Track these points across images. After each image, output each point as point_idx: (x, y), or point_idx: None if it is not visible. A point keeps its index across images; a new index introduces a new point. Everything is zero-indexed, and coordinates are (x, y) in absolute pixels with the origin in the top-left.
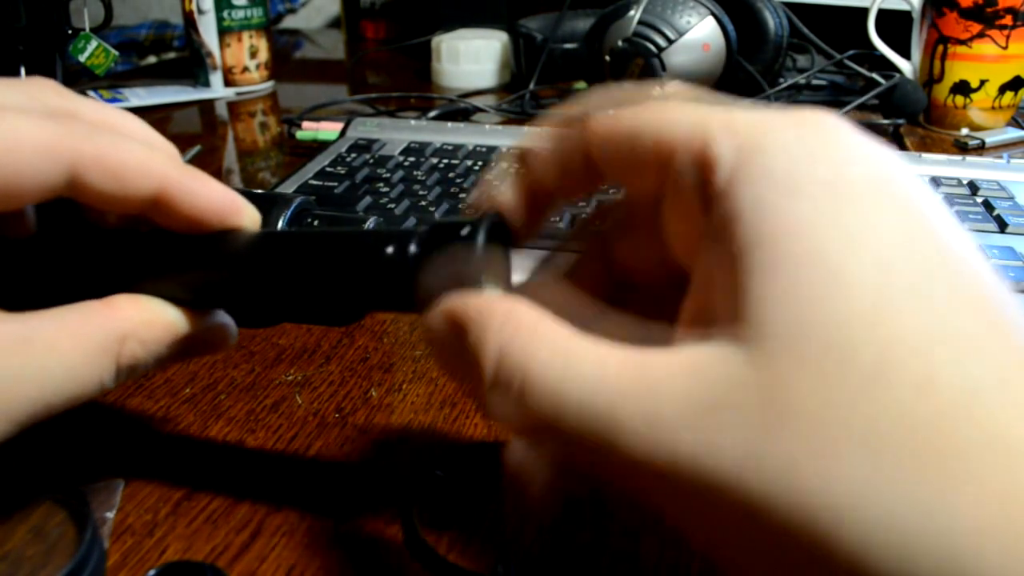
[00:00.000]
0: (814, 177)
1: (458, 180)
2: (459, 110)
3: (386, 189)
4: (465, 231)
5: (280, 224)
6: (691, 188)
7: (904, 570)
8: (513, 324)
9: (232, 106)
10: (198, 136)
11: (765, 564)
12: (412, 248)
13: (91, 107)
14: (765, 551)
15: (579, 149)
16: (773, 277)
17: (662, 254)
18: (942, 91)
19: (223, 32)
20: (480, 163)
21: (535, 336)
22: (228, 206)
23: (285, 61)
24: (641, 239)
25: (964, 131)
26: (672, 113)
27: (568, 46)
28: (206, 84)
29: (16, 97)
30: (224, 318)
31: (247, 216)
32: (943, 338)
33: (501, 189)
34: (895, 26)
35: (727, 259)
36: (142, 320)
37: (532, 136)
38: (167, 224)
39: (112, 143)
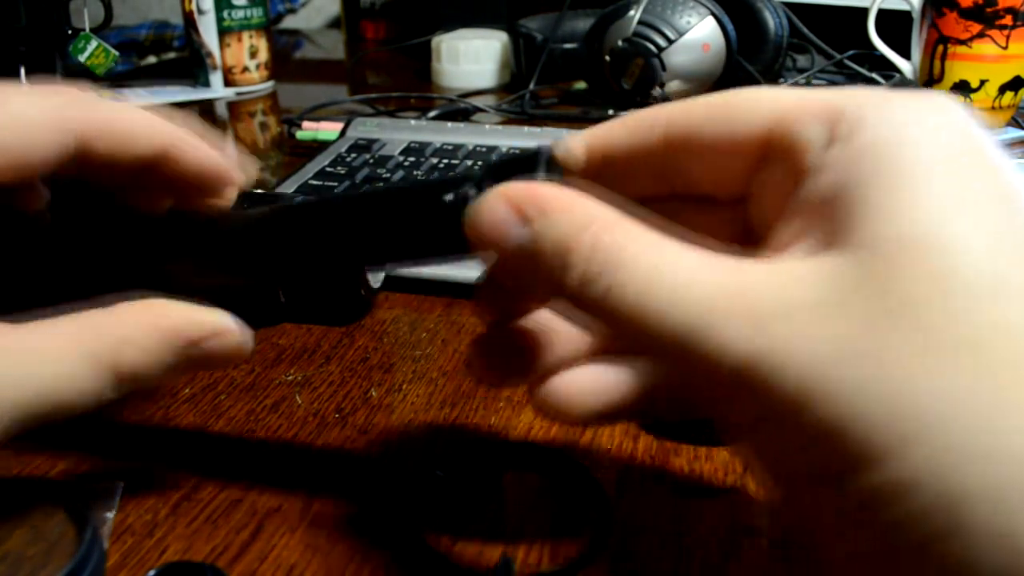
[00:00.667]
0: (941, 147)
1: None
2: (459, 110)
3: None
4: (524, 162)
5: None
6: (812, 142)
7: (990, 480)
8: (601, 219)
9: (232, 106)
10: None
11: (847, 457)
12: (471, 191)
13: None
14: (841, 451)
15: (664, 129)
16: (900, 194)
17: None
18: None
19: (223, 32)
20: (480, 163)
21: (625, 232)
22: (225, 162)
23: (285, 61)
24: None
25: None
26: (781, 90)
27: (568, 46)
28: (206, 84)
29: (21, 87)
30: (238, 325)
31: (239, 175)
32: None
33: (571, 146)
34: (895, 26)
35: (847, 187)
36: (143, 325)
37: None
38: (172, 184)
39: (115, 108)
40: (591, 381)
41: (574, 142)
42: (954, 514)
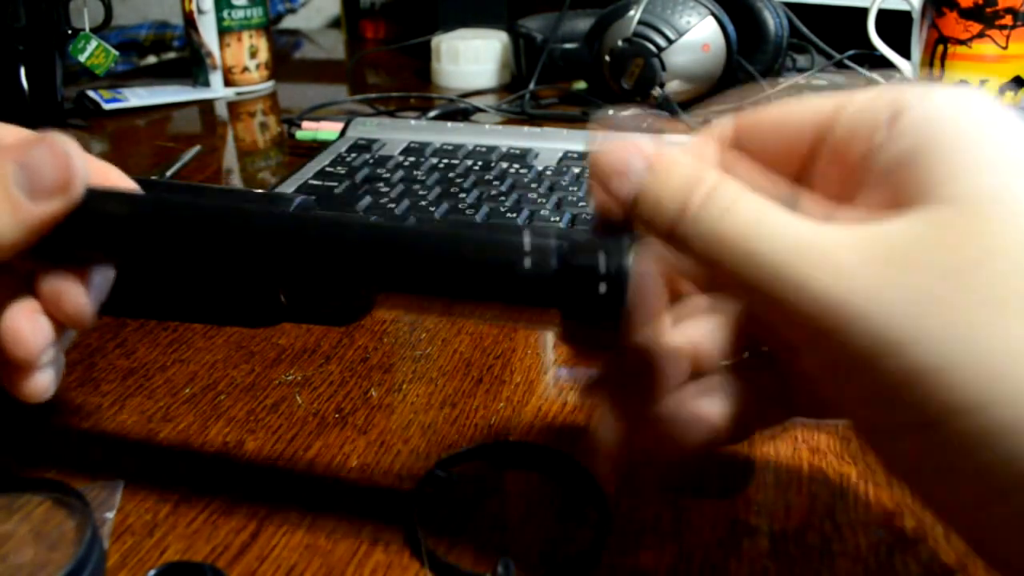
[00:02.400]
0: (977, 116)
1: (458, 180)
2: (459, 110)
3: (386, 189)
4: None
5: None
6: (861, 127)
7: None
8: (716, 173)
9: (232, 106)
10: (198, 136)
11: (933, 405)
12: (553, 262)
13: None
14: (933, 390)
15: (723, 141)
16: (969, 155)
17: None
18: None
19: (223, 32)
20: (480, 163)
21: (735, 185)
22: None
23: (285, 61)
24: None
25: None
26: (818, 96)
27: (568, 46)
28: (206, 84)
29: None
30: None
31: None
32: None
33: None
34: (895, 26)
35: (915, 152)
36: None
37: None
38: None
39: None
40: (698, 405)
41: (724, 125)
42: None
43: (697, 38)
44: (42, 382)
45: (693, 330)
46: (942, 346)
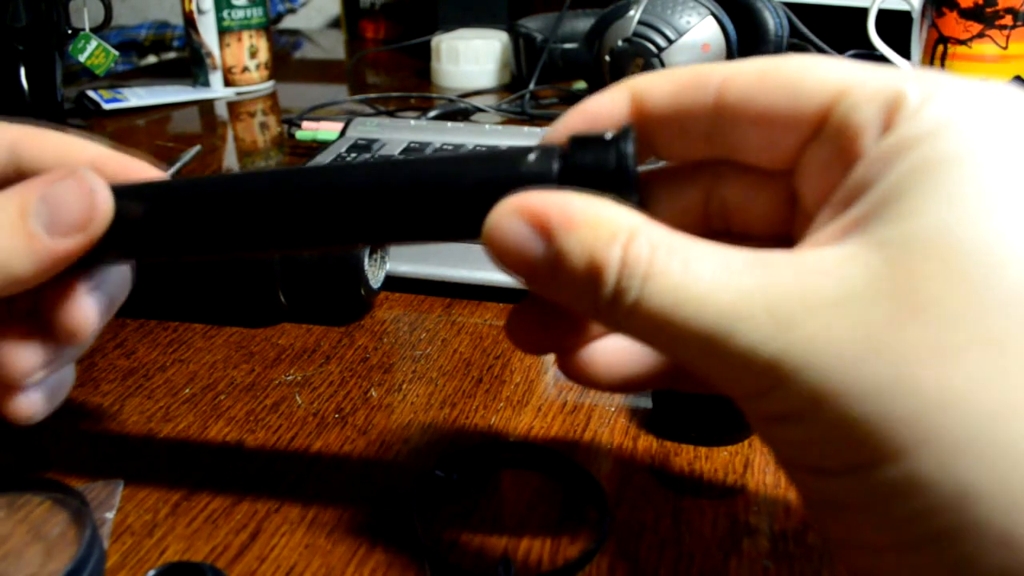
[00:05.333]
0: (991, 120)
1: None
2: (459, 110)
3: None
4: (608, 138)
5: None
6: (865, 120)
7: (1000, 480)
8: (627, 228)
9: (232, 106)
10: (198, 136)
11: (854, 455)
12: (554, 163)
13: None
14: (857, 442)
15: (708, 92)
16: (940, 192)
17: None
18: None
19: (223, 32)
20: None
21: (652, 241)
22: (151, 170)
23: (285, 61)
24: (750, 190)
25: None
26: (836, 63)
27: (568, 46)
28: (206, 84)
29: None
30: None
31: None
32: None
33: (600, 116)
34: (895, 26)
35: (887, 178)
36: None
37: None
38: None
39: (46, 128)
40: (620, 352)
41: (618, 95)
42: (965, 512)
43: (697, 38)
44: (27, 404)
45: None
46: (873, 396)
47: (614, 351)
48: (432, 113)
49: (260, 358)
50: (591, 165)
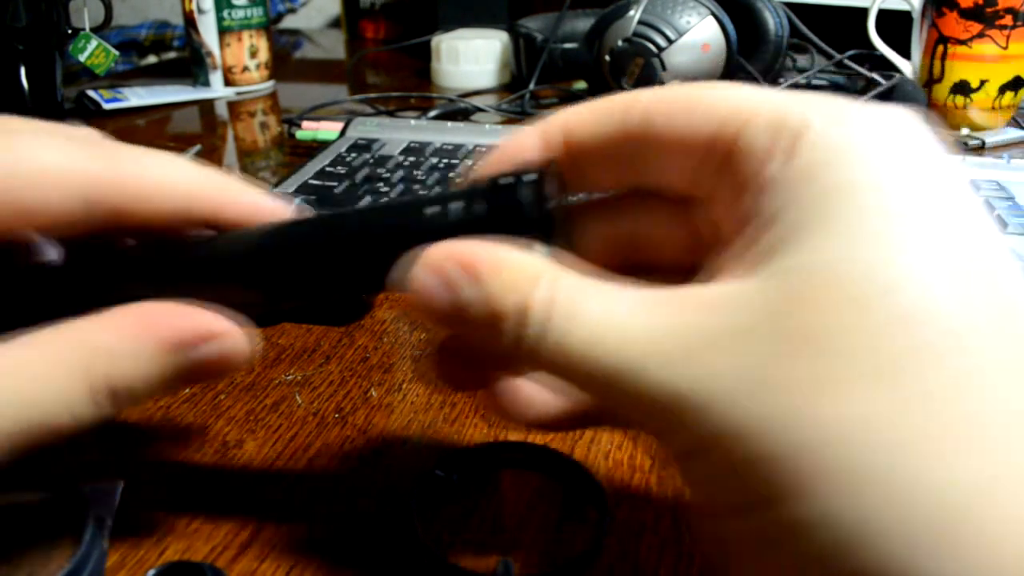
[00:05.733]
0: (887, 149)
1: (458, 180)
2: (459, 110)
3: (386, 189)
4: (526, 180)
5: None
6: (757, 153)
7: (896, 518)
8: (530, 275)
9: (232, 106)
10: (198, 136)
11: (752, 492)
12: (476, 207)
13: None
14: (755, 479)
15: (627, 118)
16: (823, 221)
17: (678, 238)
18: (942, 91)
19: (223, 32)
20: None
21: (556, 287)
22: (270, 204)
23: (285, 61)
24: (662, 217)
25: (964, 131)
26: (744, 90)
27: (568, 46)
28: (206, 84)
29: (56, 128)
30: (237, 326)
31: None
32: (970, 305)
33: (526, 143)
34: (895, 26)
35: (784, 209)
36: (132, 331)
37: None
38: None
39: (134, 164)
40: (542, 389)
41: (551, 128)
42: (863, 552)
43: (697, 38)
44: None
45: None
46: (761, 433)
47: (536, 388)
48: (432, 113)
49: (260, 358)
50: (510, 207)
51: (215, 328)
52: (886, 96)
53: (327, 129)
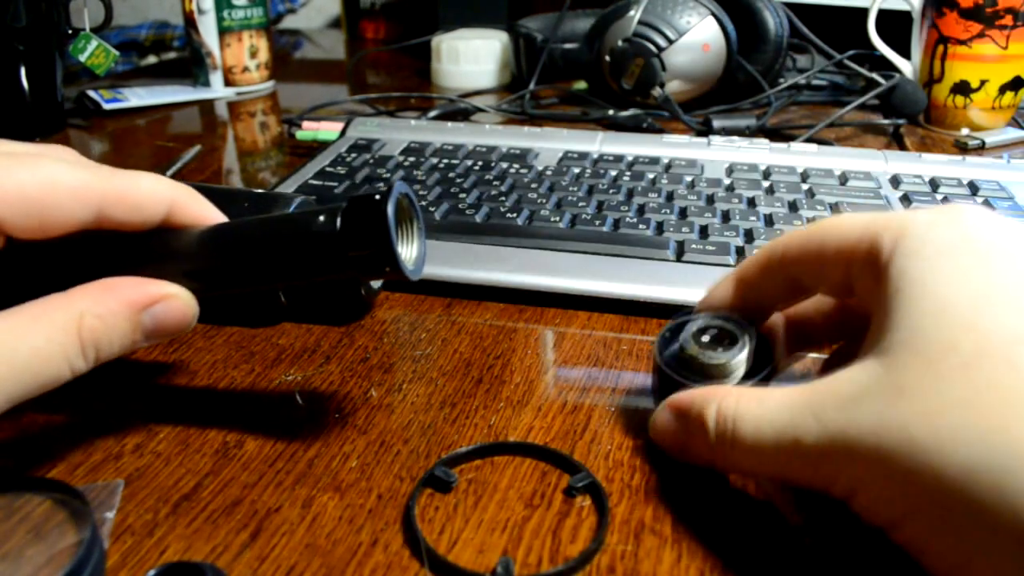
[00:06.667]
0: (937, 245)
1: (458, 180)
2: (459, 110)
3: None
4: (377, 198)
5: None
6: (865, 273)
7: (985, 481)
8: (720, 394)
9: (232, 106)
10: (198, 136)
11: (902, 504)
12: (337, 219)
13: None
14: (900, 492)
15: (779, 262)
16: (902, 312)
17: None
18: (942, 91)
19: (223, 32)
20: (480, 163)
21: (737, 396)
22: (216, 213)
23: (285, 61)
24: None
25: (964, 131)
26: (847, 221)
27: (568, 46)
28: (206, 84)
29: (47, 150)
30: (184, 292)
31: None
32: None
33: (719, 291)
34: (895, 26)
35: (880, 309)
36: (96, 297)
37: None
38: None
39: (129, 181)
40: None
41: (724, 289)
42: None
43: (697, 38)
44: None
45: None
46: (892, 437)
47: None
48: (432, 113)
49: (260, 358)
50: (361, 220)
51: (167, 291)
52: (886, 96)
53: (327, 129)
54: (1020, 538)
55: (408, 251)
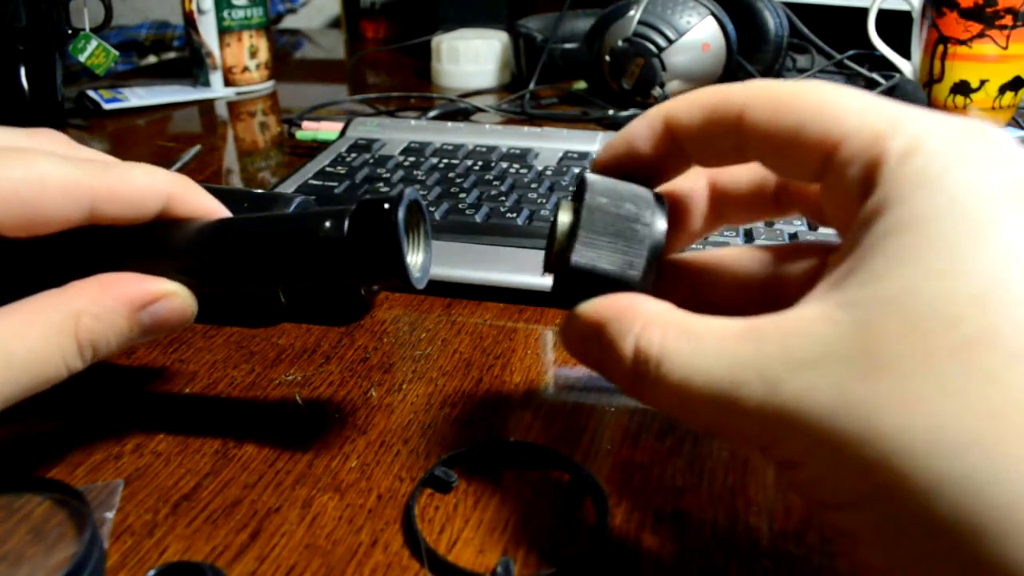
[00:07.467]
0: (971, 184)
1: (458, 180)
2: (459, 110)
3: (386, 189)
4: (387, 206)
5: None
6: (852, 184)
7: (959, 505)
8: (640, 320)
9: (232, 106)
10: (198, 136)
11: (849, 494)
12: (344, 224)
13: (94, 152)
14: (849, 482)
15: (731, 120)
16: (900, 258)
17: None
18: (942, 91)
19: (223, 32)
20: (480, 163)
21: (663, 328)
22: (215, 205)
23: (285, 61)
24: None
25: None
26: (840, 104)
27: (568, 46)
28: (206, 84)
29: (37, 143)
30: (183, 289)
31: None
32: None
33: (638, 139)
34: (895, 26)
35: (865, 238)
36: (93, 296)
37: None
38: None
39: (121, 176)
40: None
41: (650, 120)
42: (946, 538)
43: (697, 38)
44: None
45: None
46: (849, 445)
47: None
48: (432, 113)
49: (260, 358)
50: (369, 227)
51: (166, 288)
52: (886, 96)
53: (327, 129)
54: None
55: (415, 259)
